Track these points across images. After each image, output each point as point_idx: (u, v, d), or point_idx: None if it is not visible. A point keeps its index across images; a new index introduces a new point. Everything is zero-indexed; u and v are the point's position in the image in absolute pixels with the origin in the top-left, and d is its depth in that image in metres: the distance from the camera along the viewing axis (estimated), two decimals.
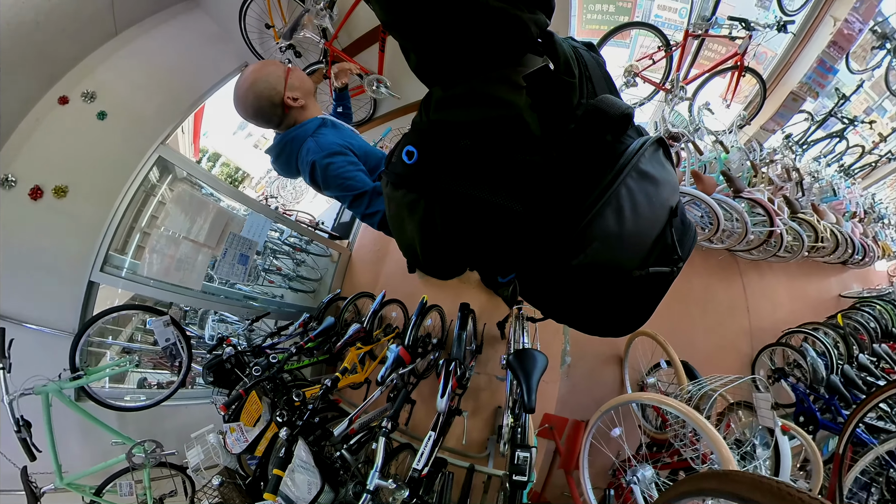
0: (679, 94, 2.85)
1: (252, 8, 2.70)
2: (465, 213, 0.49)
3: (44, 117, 2.27)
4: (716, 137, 2.84)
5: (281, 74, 1.21)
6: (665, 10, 3.15)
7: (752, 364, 3.04)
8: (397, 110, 3.20)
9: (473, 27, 0.39)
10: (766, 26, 2.59)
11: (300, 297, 3.79)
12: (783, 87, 3.21)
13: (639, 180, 0.50)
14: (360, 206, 1.23)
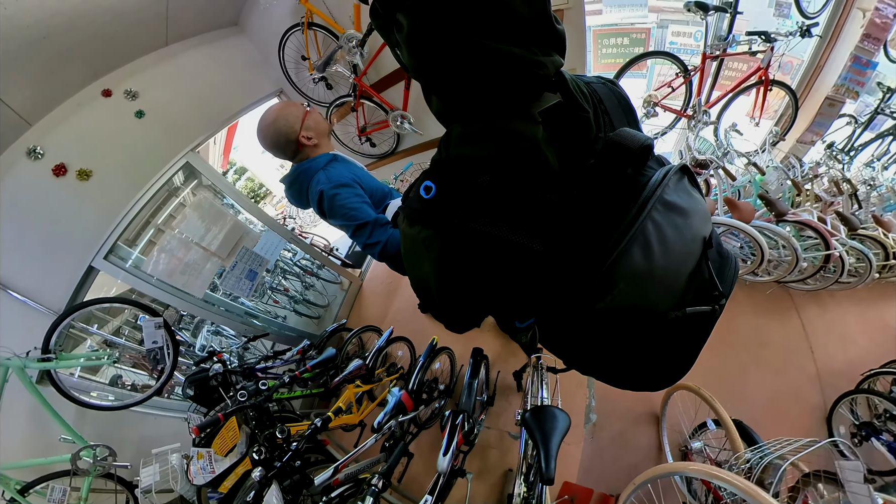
0: (702, 119, 2.71)
1: (291, 40, 2.91)
2: (482, 251, 0.46)
3: (85, 104, 2.34)
4: (748, 159, 2.61)
5: (299, 116, 1.36)
6: (679, 35, 3.08)
7: (828, 419, 2.43)
8: (419, 145, 3.25)
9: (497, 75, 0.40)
10: (788, 34, 2.45)
11: (303, 321, 3.57)
12: (816, 94, 2.96)
13: (665, 212, 0.47)
14: (362, 236, 1.32)
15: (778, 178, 2.55)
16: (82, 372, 2.36)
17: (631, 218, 0.45)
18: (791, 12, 2.56)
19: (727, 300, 0.53)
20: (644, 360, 0.55)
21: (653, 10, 2.87)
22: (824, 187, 2.73)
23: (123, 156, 2.48)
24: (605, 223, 0.45)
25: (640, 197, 0.46)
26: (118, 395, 2.22)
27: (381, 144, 3.47)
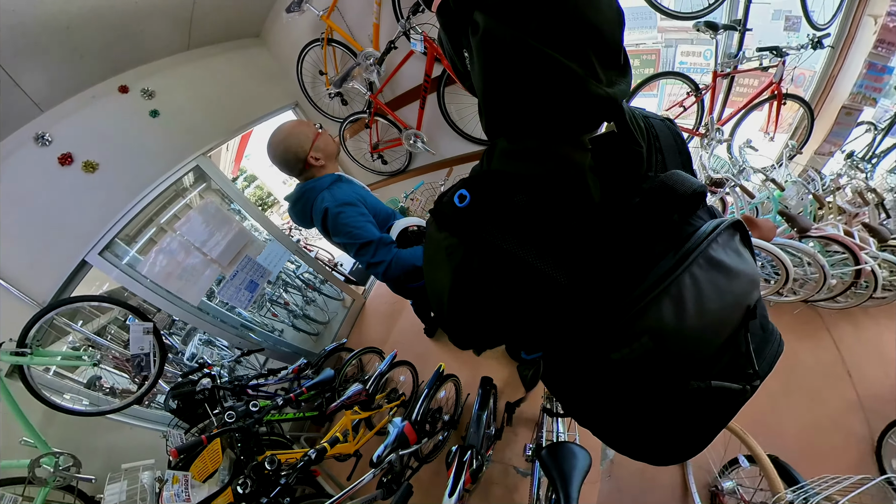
0: (716, 136, 2.63)
1: (310, 55, 2.96)
2: (503, 271, 0.44)
3: (100, 97, 2.31)
4: (764, 175, 2.50)
5: (310, 136, 1.38)
6: (689, 55, 3.07)
7: (877, 452, 2.12)
8: (431, 165, 3.23)
9: (561, 93, 0.38)
10: (799, 48, 2.40)
11: (301, 338, 3.38)
12: (832, 105, 2.85)
13: (708, 269, 0.43)
14: (365, 255, 1.32)
15: (798, 192, 2.43)
16: (58, 369, 2.17)
17: (669, 268, 0.41)
18: (801, 25, 2.52)
19: (762, 382, 0.47)
20: (652, 429, 0.49)
21: (661, 31, 2.89)
22: (848, 199, 2.58)
23: (133, 152, 2.42)
24: (639, 268, 0.42)
25: (683, 247, 0.42)
26: (94, 400, 2.01)
27: (392, 162, 3.46)
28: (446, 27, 0.45)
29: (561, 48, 0.36)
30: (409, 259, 1.36)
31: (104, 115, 2.30)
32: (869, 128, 3.10)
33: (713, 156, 2.62)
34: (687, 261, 0.41)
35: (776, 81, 2.45)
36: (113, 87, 2.35)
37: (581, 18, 0.37)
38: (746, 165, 2.45)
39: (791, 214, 2.14)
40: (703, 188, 0.44)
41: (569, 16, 0.36)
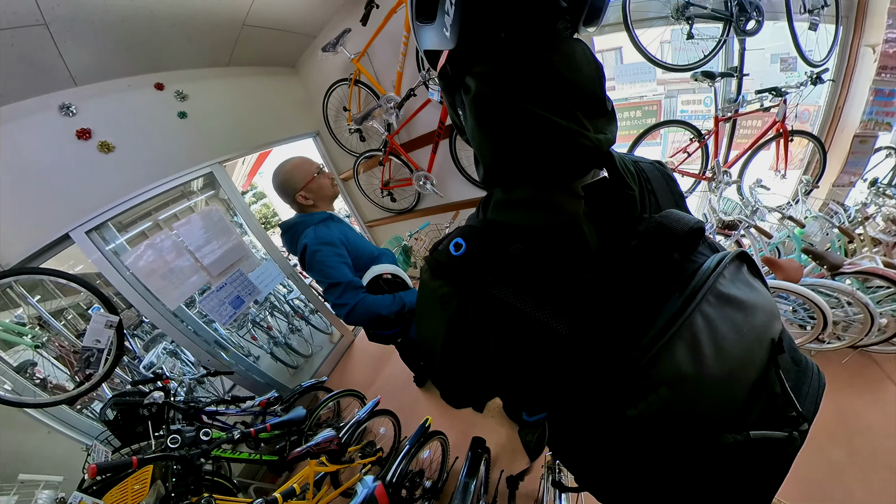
0: (723, 179, 2.57)
1: (337, 91, 3.18)
2: (500, 322, 0.42)
3: (135, 87, 2.34)
4: (781, 214, 2.35)
5: (306, 178, 1.49)
6: (689, 104, 3.11)
7: None
8: (438, 206, 3.29)
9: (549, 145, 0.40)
10: (798, 85, 2.39)
11: (278, 368, 3.03)
12: (843, 135, 2.74)
13: (720, 306, 0.40)
14: (332, 295, 1.39)
15: (821, 227, 2.26)
16: None
17: (677, 309, 0.38)
18: (797, 64, 2.55)
19: (811, 424, 0.42)
20: (687, 498, 0.41)
21: (661, 83, 3.02)
22: (880, 228, 2.36)
23: (151, 145, 2.39)
24: (644, 313, 0.39)
25: (689, 286, 0.40)
26: (18, 387, 1.66)
27: (401, 200, 3.54)
28: (446, 89, 0.48)
29: (544, 105, 0.39)
30: (374, 306, 1.42)
31: (134, 105, 2.32)
32: (889, 152, 3.00)
33: (723, 198, 2.53)
34: (695, 300, 0.39)
35: (779, 120, 2.45)
36: (150, 82, 2.41)
37: (560, 78, 0.39)
38: (760, 205, 2.32)
39: (818, 251, 1.93)
40: (700, 224, 0.41)
41: (550, 77, 0.39)
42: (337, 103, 3.27)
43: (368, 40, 2.63)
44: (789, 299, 2.06)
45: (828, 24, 2.38)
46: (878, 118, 2.53)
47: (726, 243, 2.21)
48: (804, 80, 2.33)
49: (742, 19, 2.23)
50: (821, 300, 1.84)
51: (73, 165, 2.02)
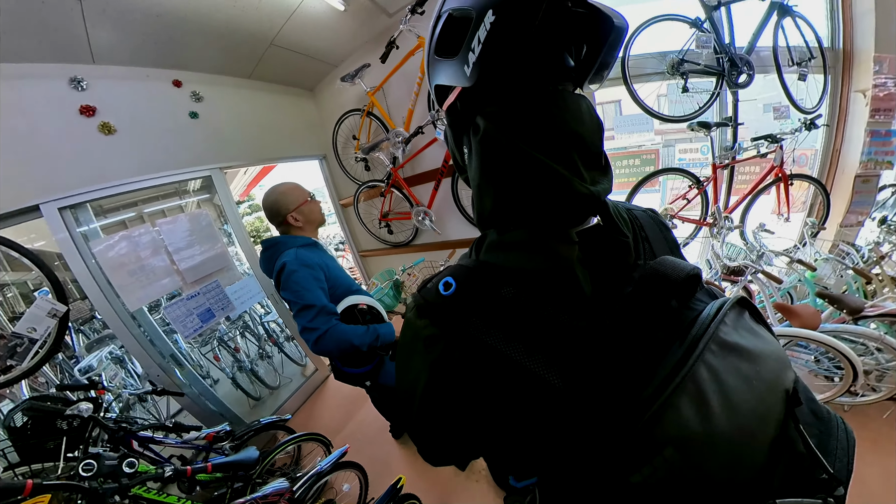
0: (725, 224, 2.53)
1: (349, 120, 3.29)
2: (487, 370, 0.39)
3: (153, 78, 2.32)
4: (789, 257, 2.26)
5: (298, 201, 1.53)
6: (687, 152, 3.20)
7: None
8: (434, 243, 3.26)
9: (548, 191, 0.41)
10: (793, 131, 2.43)
11: (237, 397, 2.64)
12: (844, 176, 2.74)
13: (724, 355, 0.37)
14: (303, 318, 1.34)
15: (834, 270, 2.16)
16: None
17: (678, 360, 0.35)
18: (790, 112, 2.61)
19: (847, 487, 0.38)
20: None
21: (658, 133, 3.12)
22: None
23: (155, 138, 2.31)
24: (643, 365, 0.36)
25: (689, 335, 0.38)
26: None
27: (398, 233, 3.50)
28: (452, 125, 0.48)
29: (548, 153, 0.40)
30: (346, 334, 1.37)
31: (147, 95, 2.28)
32: (895, 190, 3.02)
33: (726, 244, 2.47)
34: (697, 349, 0.36)
35: (777, 165, 2.49)
36: (169, 77, 2.41)
37: (566, 129, 0.41)
38: (765, 250, 2.26)
39: (834, 295, 1.80)
40: (696, 270, 0.40)
41: (555, 127, 0.41)
42: (347, 131, 3.35)
43: (385, 77, 2.76)
44: (810, 348, 1.91)
45: (816, 75, 2.52)
46: (878, 157, 2.57)
47: (733, 290, 2.12)
48: (798, 126, 2.40)
49: (734, 74, 2.36)
50: (846, 348, 1.69)
51: (67, 138, 1.89)
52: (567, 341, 0.38)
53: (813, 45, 2.39)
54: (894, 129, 2.51)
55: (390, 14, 2.59)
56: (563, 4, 0.39)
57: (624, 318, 0.39)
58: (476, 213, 0.49)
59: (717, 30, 2.31)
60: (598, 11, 0.41)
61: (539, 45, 0.40)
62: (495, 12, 0.37)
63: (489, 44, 0.38)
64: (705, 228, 2.65)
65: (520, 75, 0.41)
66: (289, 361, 3.11)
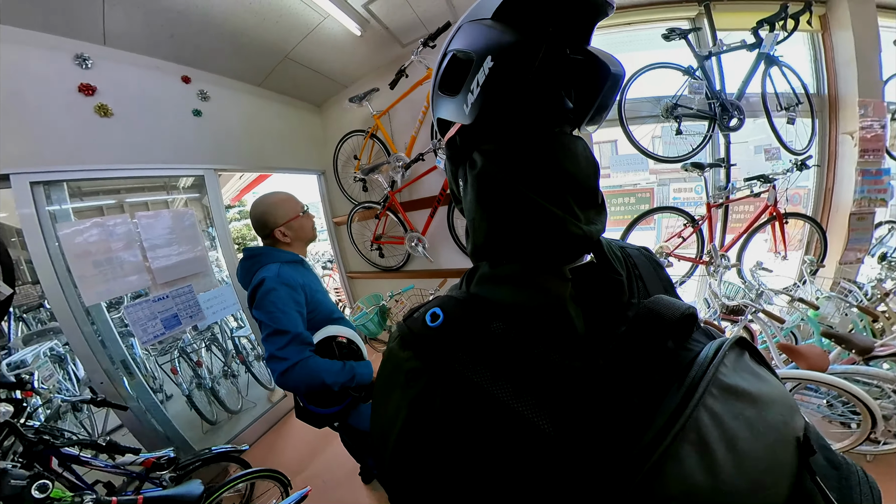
0: (721, 262, 2.48)
1: (352, 139, 3.33)
2: (471, 411, 0.35)
3: (161, 70, 2.29)
4: (789, 296, 2.19)
5: (289, 215, 1.42)
6: (681, 191, 3.16)
7: None
8: (425, 271, 3.20)
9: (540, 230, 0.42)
10: (785, 172, 2.47)
11: (189, 419, 2.31)
12: (838, 214, 2.74)
13: (726, 400, 0.34)
14: (273, 344, 1.20)
15: (837, 308, 2.10)
16: None
17: (676, 406, 0.32)
18: (781, 154, 2.67)
19: None
20: None
21: (653, 172, 3.19)
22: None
23: (153, 128, 2.23)
24: (640, 410, 0.33)
25: (687, 377, 0.35)
26: None
27: (389, 258, 3.43)
28: (451, 158, 0.49)
29: (543, 193, 0.41)
30: (319, 370, 1.23)
31: (153, 85, 2.23)
32: (891, 227, 3.03)
33: (724, 283, 2.42)
34: (697, 392, 0.34)
35: (771, 204, 2.52)
36: (179, 72, 2.38)
37: (561, 169, 0.42)
38: (764, 288, 2.21)
39: (841, 334, 1.74)
40: (692, 309, 0.39)
41: (550, 167, 0.41)
42: (349, 150, 3.39)
43: (392, 102, 2.83)
44: (820, 392, 1.79)
45: (804, 118, 2.63)
46: (871, 195, 2.60)
47: (734, 330, 2.05)
48: (790, 166, 2.47)
49: (725, 118, 2.47)
50: (860, 391, 1.57)
51: (58, 113, 1.79)
52: (559, 382, 0.36)
53: (799, 91, 2.55)
54: (885, 168, 2.59)
55: (403, 44, 2.71)
56: (562, 52, 0.40)
57: (618, 359, 0.37)
58: (469, 244, 0.49)
59: (708, 77, 2.46)
60: (596, 58, 0.43)
61: (537, 88, 0.41)
62: (493, 58, 0.39)
63: (487, 87, 0.40)
64: (702, 267, 2.64)
65: (517, 116, 0.42)
66: (255, 383, 2.81)
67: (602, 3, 0.40)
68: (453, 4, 2.35)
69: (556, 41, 0.39)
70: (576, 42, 0.42)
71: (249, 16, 2.15)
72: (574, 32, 0.42)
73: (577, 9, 0.40)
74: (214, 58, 2.44)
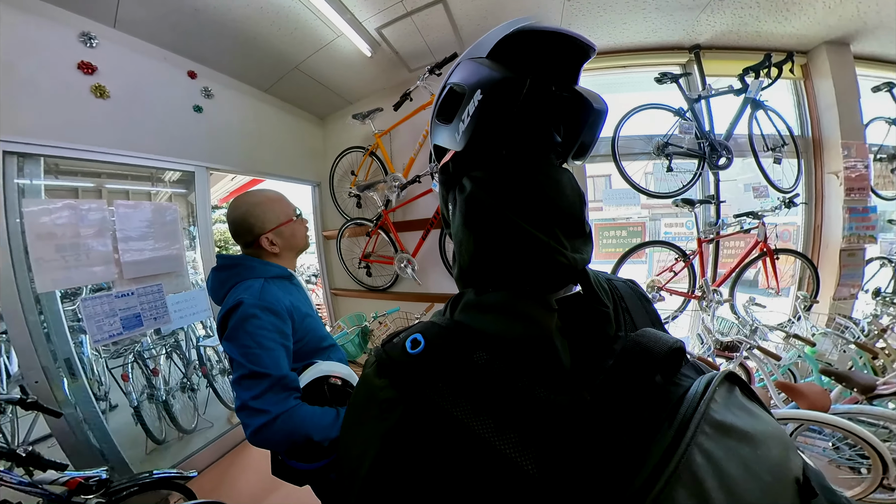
0: (714, 298, 2.45)
1: (351, 155, 3.36)
2: (449, 447, 0.33)
3: (169, 62, 2.27)
4: (785, 332, 2.16)
5: (281, 218, 1.14)
6: (672, 226, 3.19)
7: None
8: (413, 294, 3.13)
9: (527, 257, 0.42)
10: (773, 209, 2.52)
11: (134, 435, 2.01)
12: (829, 251, 2.75)
13: (719, 438, 0.32)
14: (246, 390, 0.92)
15: (834, 344, 2.04)
16: None
17: (668, 444, 0.31)
18: (769, 192, 2.73)
19: None
20: None
21: (645, 207, 3.24)
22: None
23: (150, 117, 2.15)
24: (630, 448, 0.32)
25: (678, 414, 0.33)
26: None
27: (376, 277, 3.33)
28: (444, 183, 0.51)
29: (528, 219, 0.42)
30: (306, 424, 0.95)
31: (157, 75, 2.19)
32: (883, 262, 3.01)
33: (717, 318, 2.38)
34: (689, 431, 0.32)
35: (762, 240, 2.55)
36: (186, 66, 2.37)
37: (546, 198, 0.43)
38: (758, 324, 2.18)
39: (841, 372, 1.69)
40: (680, 343, 0.37)
41: (536, 195, 0.42)
42: (347, 165, 3.40)
43: (394, 123, 2.89)
44: (825, 433, 1.70)
45: (790, 159, 2.75)
46: (860, 232, 2.65)
47: (730, 367, 1.98)
48: (778, 204, 2.54)
49: (714, 157, 2.58)
50: (867, 433, 1.48)
51: (51, 86, 1.71)
52: (544, 419, 0.34)
53: (785, 133, 2.69)
54: (871, 206, 2.68)
55: (411, 69, 2.82)
56: (547, 88, 0.43)
57: (606, 394, 0.35)
58: (455, 268, 0.49)
59: (698, 119, 2.60)
60: (581, 96, 0.45)
61: (523, 120, 0.43)
62: (482, 91, 0.42)
63: (476, 117, 0.42)
64: (694, 301, 2.64)
65: (504, 145, 0.44)
66: (216, 401, 2.52)
67: (584, 46, 0.43)
68: (461, 37, 2.48)
69: (542, 79, 0.42)
70: (563, 81, 0.45)
71: (266, 23, 2.20)
72: (561, 72, 0.45)
73: (562, 51, 0.43)
74: (224, 58, 2.45)
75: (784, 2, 2.14)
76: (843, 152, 2.61)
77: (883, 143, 2.97)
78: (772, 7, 2.19)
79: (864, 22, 2.35)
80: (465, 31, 2.41)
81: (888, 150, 2.96)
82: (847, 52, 2.60)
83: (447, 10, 2.20)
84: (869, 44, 2.60)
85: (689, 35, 2.51)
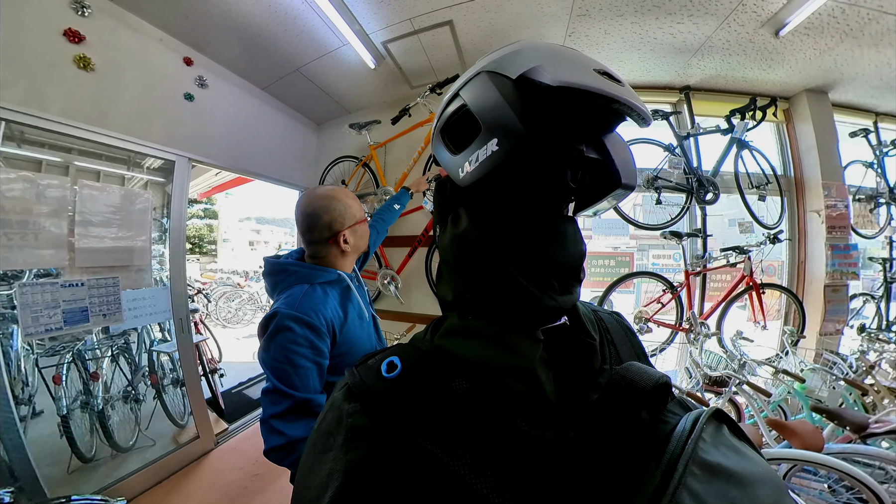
0: (701, 331, 2.45)
1: (344, 164, 3.32)
2: (422, 486, 0.30)
3: (165, 45, 2.20)
4: (774, 367, 2.15)
5: (357, 216, 1.11)
6: (660, 258, 3.26)
7: None
8: (394, 313, 3.01)
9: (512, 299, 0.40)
10: (759, 244, 2.58)
11: (54, 450, 1.69)
12: (813, 286, 2.80)
13: (707, 479, 0.31)
14: (271, 405, 0.90)
15: (823, 380, 2.02)
16: None
17: (656, 487, 0.30)
18: (755, 227, 2.80)
19: None
20: None
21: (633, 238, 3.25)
22: (892, 376, 2.13)
23: (135, 99, 2.04)
24: (615, 491, 0.31)
25: (665, 453, 0.32)
26: None
27: None
28: (437, 205, 0.49)
29: (525, 273, 0.39)
30: None
31: (151, 56, 2.10)
32: (866, 299, 3.06)
33: (705, 351, 2.36)
34: (677, 472, 0.30)
35: (747, 275, 2.59)
36: (183, 51, 2.29)
37: (548, 253, 0.40)
38: (747, 358, 2.16)
39: (833, 410, 1.64)
40: (666, 378, 0.37)
41: (538, 250, 0.40)
42: (338, 174, 3.36)
43: (391, 137, 2.89)
44: (819, 475, 1.61)
45: (774, 196, 2.86)
46: (843, 269, 2.74)
47: (719, 402, 1.95)
48: (763, 239, 2.62)
49: (701, 192, 2.67)
50: (863, 475, 1.41)
51: (27, 49, 1.59)
52: (525, 456, 0.32)
53: (768, 172, 2.83)
54: (853, 244, 2.80)
55: (412, 86, 2.85)
56: (575, 150, 0.38)
57: (590, 431, 0.33)
58: (438, 291, 0.46)
59: (686, 155, 2.70)
60: (612, 162, 0.41)
61: (536, 178, 0.39)
62: (499, 143, 0.36)
63: (485, 166, 0.38)
64: (682, 334, 2.63)
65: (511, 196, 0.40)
66: (162, 415, 2.19)
67: (641, 117, 0.38)
68: (464, 60, 2.54)
69: (573, 136, 0.37)
70: (596, 136, 0.40)
71: (273, 23, 2.18)
72: (597, 127, 0.40)
73: (607, 112, 0.37)
74: (225, 50, 2.40)
75: (769, 52, 2.32)
76: (825, 192, 2.75)
77: (861, 185, 3.17)
78: (757, 56, 2.37)
79: (841, 73, 2.56)
80: (469, 54, 2.48)
81: (866, 192, 3.15)
82: (826, 99, 2.82)
83: (453, 32, 2.25)
84: (846, 93, 2.83)
85: (681, 76, 2.67)
